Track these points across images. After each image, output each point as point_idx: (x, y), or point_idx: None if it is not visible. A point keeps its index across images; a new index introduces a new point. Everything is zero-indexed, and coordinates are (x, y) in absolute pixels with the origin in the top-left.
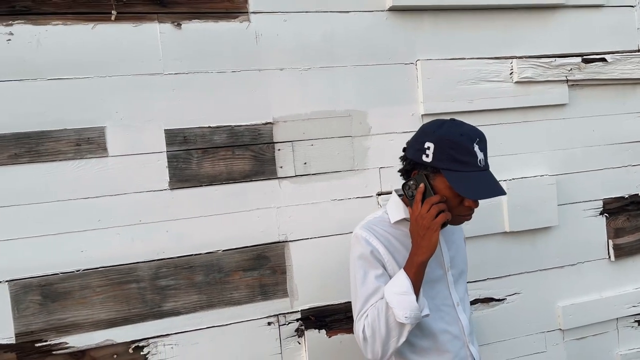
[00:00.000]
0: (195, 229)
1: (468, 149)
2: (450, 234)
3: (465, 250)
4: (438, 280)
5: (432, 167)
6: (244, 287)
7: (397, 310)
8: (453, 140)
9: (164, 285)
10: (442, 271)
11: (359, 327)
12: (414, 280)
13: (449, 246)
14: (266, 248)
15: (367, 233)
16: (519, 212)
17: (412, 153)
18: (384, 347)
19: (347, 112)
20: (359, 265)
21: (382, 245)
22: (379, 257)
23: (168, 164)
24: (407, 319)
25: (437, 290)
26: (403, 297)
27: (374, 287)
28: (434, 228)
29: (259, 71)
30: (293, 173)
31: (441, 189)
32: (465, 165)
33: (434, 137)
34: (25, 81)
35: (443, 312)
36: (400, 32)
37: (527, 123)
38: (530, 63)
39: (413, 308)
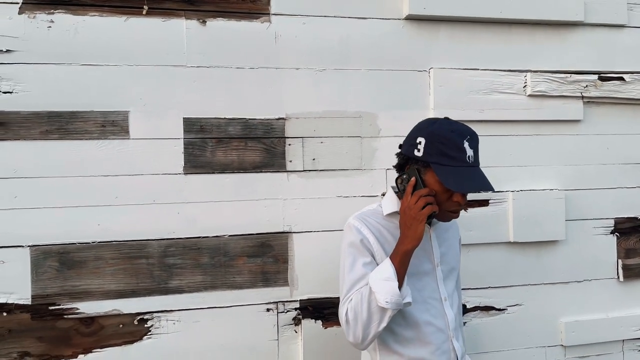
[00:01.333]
0: (204, 213)
1: (457, 145)
2: (443, 231)
3: (458, 250)
4: (427, 273)
5: (422, 162)
6: (247, 272)
7: (378, 294)
8: (443, 136)
9: (171, 263)
10: (431, 265)
11: (343, 311)
12: (398, 268)
13: (440, 242)
14: (271, 237)
15: (359, 222)
16: (524, 223)
17: (406, 148)
18: (365, 331)
19: (358, 113)
20: (348, 253)
21: (372, 235)
22: (369, 246)
23: (184, 150)
24: (388, 304)
25: (424, 283)
26: (385, 282)
27: (361, 273)
28: (419, 219)
29: (275, 69)
30: (301, 168)
31: (431, 183)
32: (453, 160)
33: (426, 132)
34: (61, 65)
35: (429, 305)
36: (416, 41)
37: (539, 136)
38: (544, 77)
39: (394, 294)
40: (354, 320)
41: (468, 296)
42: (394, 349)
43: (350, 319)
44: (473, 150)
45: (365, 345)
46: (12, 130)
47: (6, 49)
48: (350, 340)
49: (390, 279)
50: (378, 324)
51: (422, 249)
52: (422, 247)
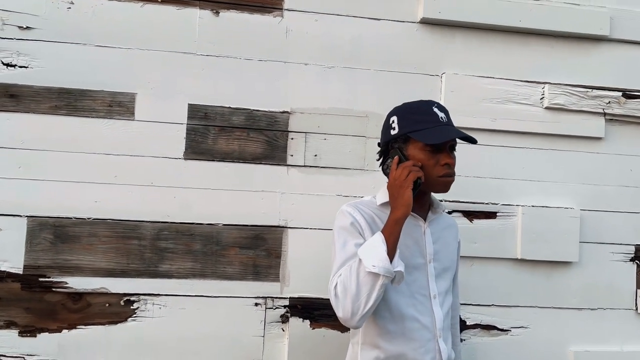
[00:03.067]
0: (201, 200)
1: (427, 111)
2: (440, 229)
3: (455, 250)
4: (417, 268)
5: (401, 137)
6: (238, 264)
7: (365, 260)
8: (412, 106)
9: (163, 247)
10: (423, 260)
11: (332, 285)
12: (387, 237)
13: (434, 239)
14: (265, 230)
15: (351, 208)
16: (534, 240)
17: (383, 135)
18: (355, 304)
19: (365, 113)
20: (339, 235)
21: (364, 220)
22: (359, 229)
23: (186, 135)
24: (375, 268)
25: (414, 277)
26: (373, 248)
27: (353, 252)
28: (405, 186)
29: (284, 63)
30: (302, 163)
31: (414, 154)
32: (427, 123)
33: (395, 110)
34: (76, 45)
35: (416, 301)
36: (429, 44)
37: (556, 152)
38: (563, 90)
39: (382, 258)
40: (342, 292)
41: (469, 312)
42: (376, 342)
43: (339, 292)
44: (444, 114)
45: (355, 321)
46: (23, 103)
47: (26, 26)
48: (340, 315)
49: (377, 245)
50: (368, 295)
51: (415, 243)
52: (414, 240)
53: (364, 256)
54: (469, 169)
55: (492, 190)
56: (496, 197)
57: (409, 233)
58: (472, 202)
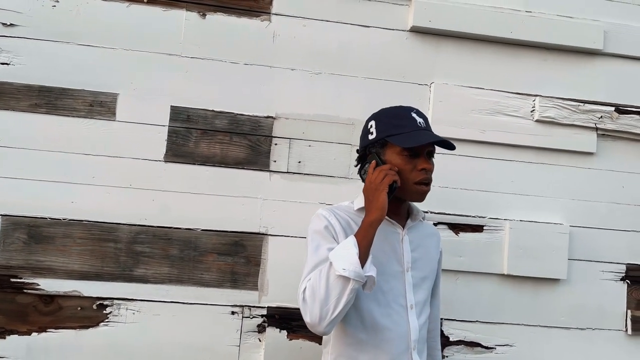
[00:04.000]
0: (179, 204)
1: (405, 115)
2: (420, 237)
3: (436, 260)
4: (394, 276)
5: (378, 141)
6: (216, 271)
7: (336, 263)
8: (391, 112)
9: (139, 250)
10: (400, 268)
11: (300, 289)
12: (359, 240)
13: (414, 247)
14: (245, 237)
15: (326, 212)
16: (521, 255)
17: (362, 141)
18: (323, 308)
19: (351, 121)
20: (312, 239)
21: (339, 224)
22: (333, 233)
23: (167, 138)
24: (345, 271)
25: (391, 286)
26: (344, 251)
27: (325, 256)
28: (380, 189)
29: (270, 68)
30: (285, 169)
31: (391, 159)
32: (405, 127)
33: (374, 116)
34: (60, 43)
35: (391, 310)
36: (419, 53)
37: (546, 166)
38: (554, 103)
39: (353, 262)
40: (311, 297)
41: (453, 328)
42: (347, 353)
43: (307, 296)
44: (423, 120)
45: (323, 327)
46: (2, 100)
47: (10, 23)
48: (307, 320)
49: (349, 248)
50: (337, 300)
51: (392, 250)
52: (392, 247)
53: (334, 259)
54: (456, 181)
55: (480, 203)
56: (483, 210)
57: (387, 240)
58: (459, 214)
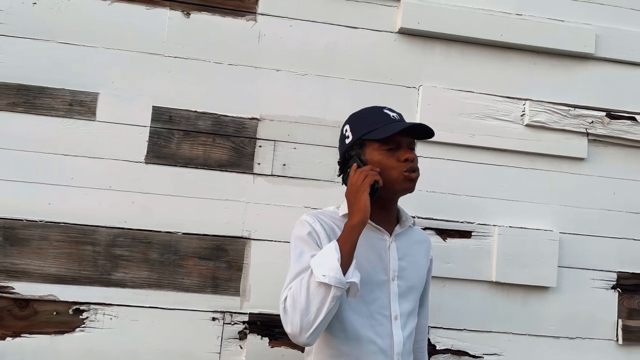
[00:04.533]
0: (160, 206)
1: (378, 112)
2: (408, 244)
3: (425, 268)
4: (379, 285)
5: (356, 144)
6: (196, 275)
7: (316, 269)
8: (363, 112)
9: (118, 254)
10: (385, 277)
11: (281, 299)
12: (341, 245)
13: (401, 255)
14: (227, 241)
15: (311, 218)
16: (510, 262)
17: (340, 147)
18: (303, 319)
19: (337, 123)
20: (295, 246)
21: (323, 231)
22: (317, 240)
23: (149, 138)
24: (325, 278)
25: (375, 296)
26: (324, 257)
27: (309, 263)
28: (362, 189)
29: (255, 68)
30: (270, 172)
31: (372, 158)
32: (380, 122)
33: (347, 120)
34: (40, 41)
35: (375, 322)
36: (407, 56)
37: (536, 171)
38: (545, 107)
39: (333, 267)
40: (291, 306)
41: (439, 336)
42: None
43: (288, 305)
44: (397, 114)
45: (305, 338)
46: None
47: None
48: (288, 331)
49: (330, 254)
50: (318, 309)
51: (378, 258)
52: (378, 255)
53: (315, 266)
54: (444, 185)
55: (468, 208)
56: (472, 215)
57: (373, 247)
58: (447, 219)
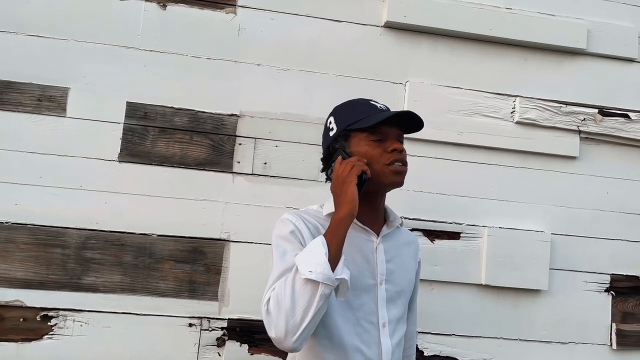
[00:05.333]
0: (134, 207)
1: (364, 103)
2: (396, 246)
3: (414, 271)
4: (366, 290)
5: (341, 135)
6: (172, 279)
7: (301, 266)
8: (349, 103)
9: (89, 257)
10: (373, 281)
11: (264, 300)
12: (329, 239)
13: (389, 258)
14: (204, 243)
15: (293, 216)
16: (500, 264)
17: (324, 141)
18: (288, 320)
19: (320, 120)
20: (277, 245)
21: (307, 229)
22: (300, 239)
23: (122, 136)
24: (312, 274)
25: (362, 301)
26: (311, 253)
27: (292, 264)
28: (348, 180)
29: (234, 63)
30: (250, 171)
31: (358, 149)
32: (366, 113)
33: (332, 112)
34: (7, 33)
35: (361, 329)
36: (393, 50)
37: (527, 170)
38: (535, 104)
39: (321, 263)
40: (275, 308)
41: (427, 342)
42: None
43: (271, 307)
44: (384, 106)
45: (291, 343)
46: None
47: None
48: (272, 335)
49: (317, 249)
50: (305, 309)
51: (365, 260)
52: (364, 258)
53: (300, 262)
54: (432, 185)
55: (457, 208)
56: (461, 216)
57: (359, 249)
58: (434, 220)
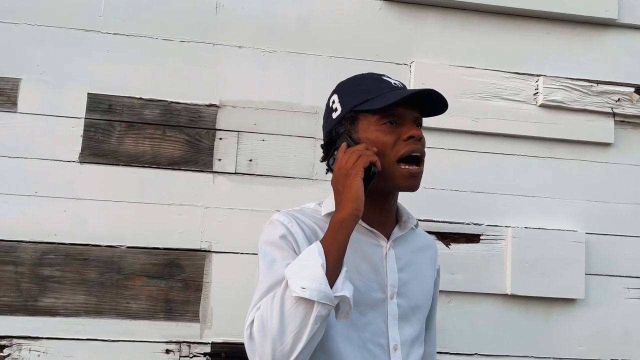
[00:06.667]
0: (99, 215)
1: (376, 78)
2: (410, 251)
3: (431, 281)
4: (374, 306)
5: (346, 118)
6: (145, 298)
7: (293, 281)
8: (356, 78)
9: (46, 275)
10: (382, 295)
11: (247, 322)
12: (327, 247)
13: (401, 266)
14: (182, 255)
15: (285, 217)
16: (527, 271)
17: (325, 124)
18: (276, 348)
19: (314, 109)
20: (265, 252)
21: (302, 232)
22: (293, 245)
23: (84, 133)
24: (306, 291)
25: (368, 320)
26: (304, 264)
27: (283, 275)
28: (353, 173)
29: (212, 45)
30: (233, 169)
31: (367, 136)
32: (377, 90)
33: (335, 89)
34: None
35: (369, 353)
36: (396, 27)
37: (554, 160)
38: (562, 84)
39: (316, 276)
40: (260, 332)
41: None
42: None
43: (255, 331)
44: (399, 82)
45: None
46: None
47: None
48: None
49: (312, 259)
50: (297, 334)
51: (372, 270)
52: (371, 266)
53: (291, 276)
54: (445, 180)
55: (475, 207)
56: (480, 216)
57: (365, 256)
58: (450, 221)
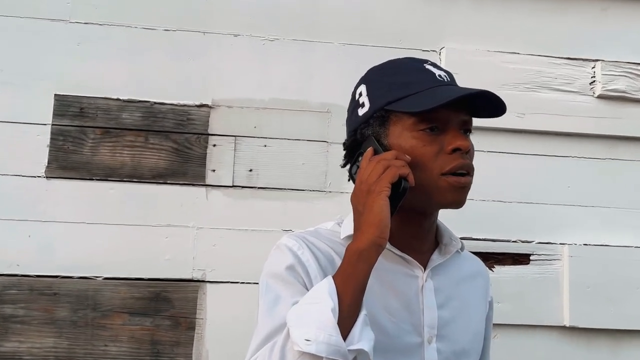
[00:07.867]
0: (70, 240)
1: (415, 67)
2: (453, 282)
3: (483, 317)
4: (407, 353)
5: (375, 117)
6: (127, 340)
7: (296, 330)
8: (391, 66)
9: (8, 314)
10: (417, 339)
11: None
12: (340, 284)
13: (442, 301)
14: (170, 286)
15: (294, 242)
16: (589, 296)
17: (349, 122)
18: None
19: (325, 107)
20: (268, 287)
21: (315, 261)
22: (303, 277)
23: (51, 142)
24: (311, 344)
25: None
26: (311, 307)
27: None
28: (378, 190)
29: (202, 34)
30: (230, 182)
31: (399, 142)
32: (417, 85)
33: (365, 78)
34: None
35: None
36: (422, 8)
37: (617, 162)
38: (623, 70)
39: (325, 324)
40: None
41: None
42: None
43: None
44: (445, 73)
45: None
46: None
47: None
48: None
49: (322, 302)
50: None
51: (405, 307)
52: (404, 302)
53: (294, 322)
54: (486, 190)
55: (522, 221)
56: (529, 231)
57: (395, 290)
58: (492, 239)
